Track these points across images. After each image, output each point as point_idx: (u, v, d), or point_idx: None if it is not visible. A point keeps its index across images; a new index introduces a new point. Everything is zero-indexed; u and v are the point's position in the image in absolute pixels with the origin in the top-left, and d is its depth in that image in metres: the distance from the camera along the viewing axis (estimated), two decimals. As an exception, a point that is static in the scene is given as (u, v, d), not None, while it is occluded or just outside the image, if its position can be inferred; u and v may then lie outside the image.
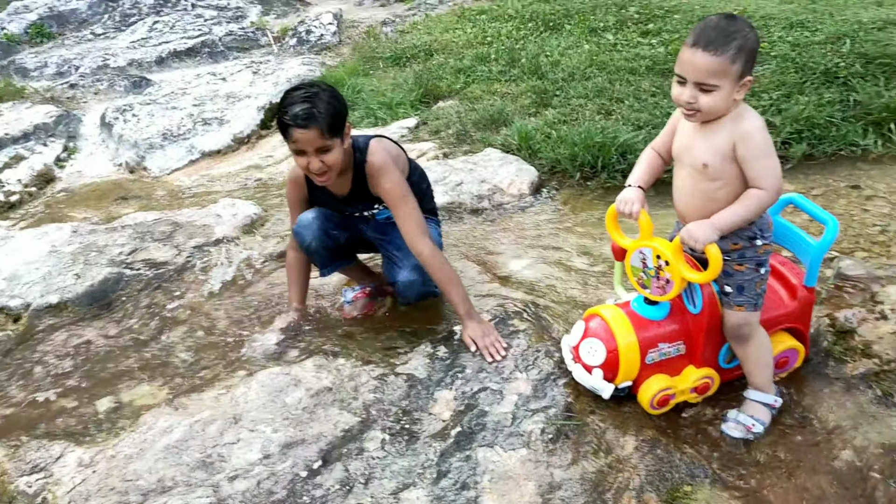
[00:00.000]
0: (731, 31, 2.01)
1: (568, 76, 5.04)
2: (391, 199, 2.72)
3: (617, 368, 2.38)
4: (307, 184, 2.83)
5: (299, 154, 2.58)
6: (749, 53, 2.01)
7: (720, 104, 2.06)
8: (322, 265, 2.98)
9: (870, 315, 2.66)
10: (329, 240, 2.86)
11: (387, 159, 2.72)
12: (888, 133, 3.98)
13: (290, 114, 2.51)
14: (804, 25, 5.15)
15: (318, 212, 2.86)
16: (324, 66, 6.49)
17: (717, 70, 2.00)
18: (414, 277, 2.78)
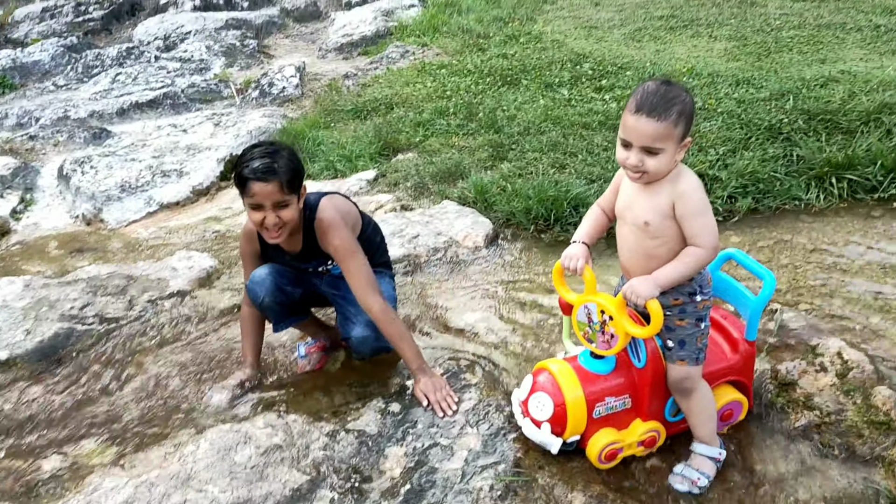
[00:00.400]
0: (671, 98, 2.10)
1: (524, 130, 5.16)
2: (340, 256, 2.75)
3: (565, 423, 2.41)
4: (259, 240, 2.85)
5: (255, 209, 2.61)
6: (688, 117, 2.12)
7: (665, 165, 2.15)
8: (276, 321, 2.98)
9: (810, 367, 2.73)
10: (283, 296, 2.87)
11: (335, 216, 2.76)
12: (829, 187, 4.12)
13: (250, 167, 2.55)
14: (750, 82, 5.35)
15: (271, 267, 2.87)
16: (285, 118, 6.55)
17: (662, 134, 2.09)
18: (367, 333, 2.80)
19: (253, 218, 2.64)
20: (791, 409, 2.66)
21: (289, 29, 10.41)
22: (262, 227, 2.65)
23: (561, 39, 7.25)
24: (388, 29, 8.96)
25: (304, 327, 3.17)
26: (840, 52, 5.96)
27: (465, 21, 8.44)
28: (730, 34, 6.93)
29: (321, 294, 3.01)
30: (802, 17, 7.23)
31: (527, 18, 8.40)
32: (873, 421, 2.52)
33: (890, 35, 6.28)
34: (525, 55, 6.78)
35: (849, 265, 3.58)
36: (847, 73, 5.27)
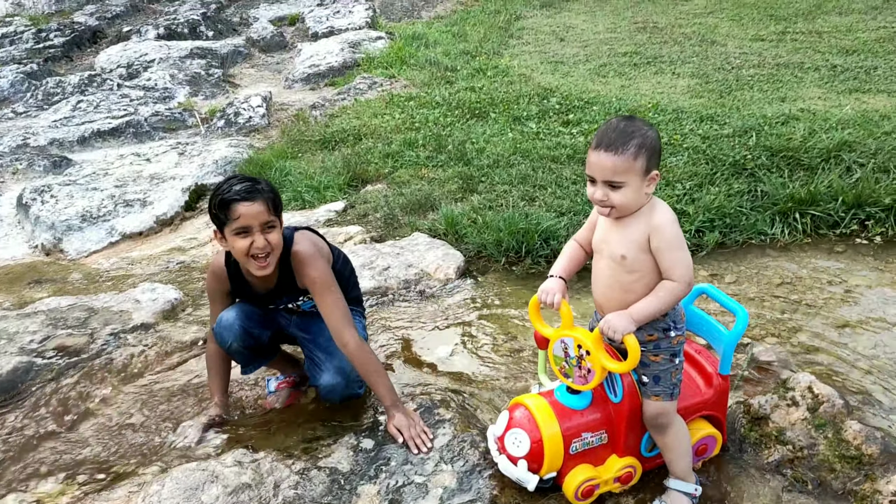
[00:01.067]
0: (629, 132, 2.14)
1: (493, 163, 5.18)
2: (317, 289, 2.69)
3: (542, 459, 2.38)
4: (229, 277, 2.77)
5: (241, 234, 2.51)
6: (650, 150, 2.13)
7: (631, 198, 2.16)
8: (244, 364, 2.92)
9: (782, 401, 2.74)
10: (251, 340, 2.81)
11: (312, 249, 2.72)
12: (793, 222, 4.20)
13: (232, 191, 2.49)
14: (713, 119, 5.45)
15: (238, 311, 2.79)
16: (252, 148, 6.50)
17: (621, 168, 2.12)
18: (336, 381, 2.75)
19: (239, 246, 2.53)
20: (764, 443, 2.67)
21: (254, 59, 10.37)
22: (248, 258, 2.55)
23: (528, 74, 7.33)
24: (355, 60, 8.98)
25: (274, 364, 3.10)
26: (799, 91, 6.11)
27: (432, 54, 8.51)
28: (692, 72, 7.08)
29: (289, 335, 2.95)
30: (762, 56, 7.42)
31: (493, 53, 8.49)
32: (845, 455, 2.54)
33: (846, 75, 6.47)
34: (493, 88, 6.84)
35: (814, 299, 3.63)
36: (807, 112, 5.40)
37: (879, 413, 2.83)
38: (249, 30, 11.28)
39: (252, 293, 2.80)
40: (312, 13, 11.54)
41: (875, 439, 2.53)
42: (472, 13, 11.08)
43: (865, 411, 2.81)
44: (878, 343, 3.26)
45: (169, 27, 10.88)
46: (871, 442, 2.52)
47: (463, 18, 10.70)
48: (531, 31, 9.69)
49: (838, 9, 9.19)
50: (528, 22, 10.34)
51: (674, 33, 8.84)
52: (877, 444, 2.51)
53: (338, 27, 10.64)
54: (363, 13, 11.12)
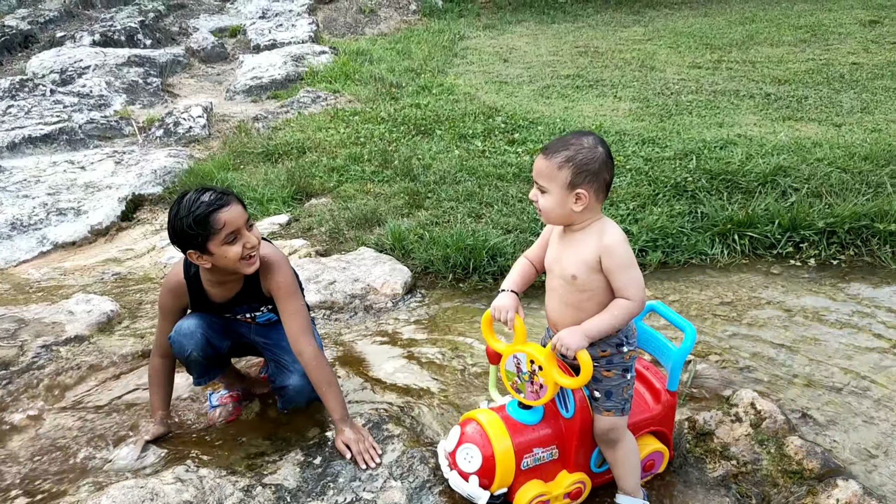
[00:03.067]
0: (567, 143, 2.17)
1: (440, 179, 5.18)
2: (282, 293, 2.64)
3: (493, 475, 2.36)
4: (189, 290, 2.69)
5: (231, 241, 2.44)
6: (578, 166, 2.13)
7: (551, 207, 2.20)
8: (199, 375, 2.82)
9: (726, 417, 2.80)
10: (211, 349, 2.73)
11: (279, 254, 2.68)
12: (732, 243, 4.31)
13: (204, 204, 2.40)
14: (655, 142, 5.58)
15: (199, 319, 2.71)
16: (192, 158, 6.36)
17: (545, 173, 2.17)
18: (304, 382, 2.68)
19: (233, 253, 2.45)
20: (709, 458, 2.71)
21: (195, 69, 10.18)
22: (241, 261, 2.49)
23: (473, 93, 7.39)
24: (298, 74, 8.90)
25: (221, 378, 3.01)
26: (736, 117, 6.31)
27: (376, 70, 8.50)
28: (633, 96, 7.24)
29: (249, 343, 2.87)
30: (699, 83, 7.64)
31: (438, 71, 8.53)
32: (787, 470, 2.59)
33: (779, 103, 6.72)
34: (438, 106, 6.86)
35: (753, 318, 3.73)
36: (743, 137, 5.58)
37: (816, 429, 2.91)
38: (189, 40, 11.07)
39: (210, 304, 2.72)
40: (255, 25, 11.41)
41: (816, 454, 2.60)
42: (416, 31, 11.13)
43: (804, 427, 2.89)
44: (813, 361, 3.36)
45: (105, 34, 10.59)
46: (812, 457, 2.59)
47: (407, 36, 10.74)
48: (475, 52, 9.78)
49: (769, 40, 9.55)
50: (472, 42, 10.44)
51: (614, 58, 9.04)
52: (817, 459, 2.58)
53: (281, 40, 10.54)
54: (306, 27, 11.05)
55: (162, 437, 2.77)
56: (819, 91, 7.10)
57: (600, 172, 2.18)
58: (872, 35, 9.34)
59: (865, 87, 7.17)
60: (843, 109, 6.44)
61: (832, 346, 3.47)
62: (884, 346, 3.45)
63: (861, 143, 5.32)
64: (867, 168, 4.87)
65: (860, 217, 4.31)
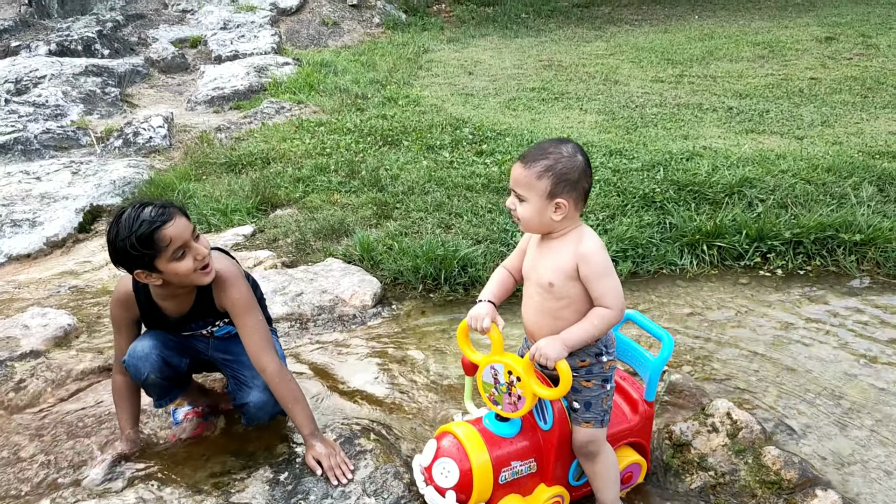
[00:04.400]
0: (546, 151, 2.14)
1: (408, 189, 5.12)
2: (238, 310, 2.53)
3: (471, 490, 2.30)
4: (138, 303, 2.56)
5: (180, 256, 2.33)
6: (558, 176, 2.11)
7: (530, 216, 2.17)
8: (159, 396, 2.70)
9: (703, 428, 2.77)
10: (169, 370, 2.61)
11: (234, 268, 2.57)
12: (701, 254, 4.32)
13: (146, 221, 2.27)
14: (622, 153, 5.59)
15: (154, 339, 2.59)
16: (152, 169, 6.20)
17: (524, 182, 2.14)
18: (267, 398, 2.58)
19: (184, 268, 2.34)
20: (687, 470, 2.68)
21: (154, 79, 10.00)
22: (193, 273, 2.38)
23: (439, 104, 7.36)
24: (261, 85, 8.78)
25: (184, 395, 2.90)
26: (700, 130, 6.37)
27: (341, 81, 8.43)
28: (599, 108, 7.28)
29: (208, 360, 2.77)
30: (662, 96, 7.72)
31: (403, 83, 8.50)
32: (765, 481, 2.57)
33: (742, 116, 6.80)
34: (405, 117, 6.81)
35: (723, 328, 3.73)
36: (709, 149, 5.62)
37: (791, 438, 2.90)
38: (149, 50, 10.88)
39: (163, 319, 2.60)
40: (216, 36, 11.26)
41: (793, 464, 2.58)
42: (380, 44, 11.09)
43: (779, 437, 2.88)
44: (784, 370, 3.37)
45: (62, 44, 10.35)
46: (789, 467, 2.57)
47: (371, 49, 10.69)
48: (440, 64, 9.77)
49: (729, 56, 9.70)
50: (436, 55, 10.43)
51: (578, 72, 9.10)
52: (795, 469, 2.56)
53: (243, 51, 10.41)
54: (269, 39, 10.94)
55: (132, 456, 2.65)
56: (780, 105, 7.21)
57: (580, 181, 2.15)
58: (828, 51, 9.55)
59: (824, 101, 7.30)
60: (804, 123, 6.54)
61: (803, 355, 3.48)
62: (853, 355, 3.47)
63: (823, 156, 5.39)
64: (830, 180, 4.94)
65: (825, 228, 4.35)
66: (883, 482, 2.68)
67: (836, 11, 12.37)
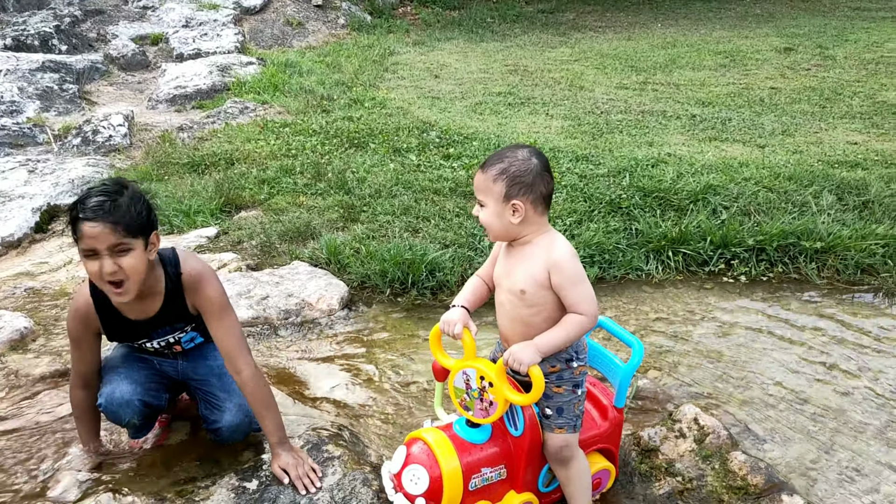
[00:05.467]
0: (501, 156, 2.18)
1: (375, 193, 5.08)
2: (213, 310, 2.45)
3: (440, 497, 2.28)
4: (98, 312, 2.44)
5: (89, 257, 2.19)
6: (513, 178, 2.14)
7: (490, 220, 2.20)
8: (136, 431, 2.66)
9: (670, 433, 2.79)
10: (150, 409, 2.56)
11: (207, 267, 2.50)
12: (667, 260, 4.36)
13: (81, 206, 2.16)
14: (588, 159, 5.62)
15: (131, 381, 2.49)
16: (112, 168, 6.06)
17: (482, 187, 2.19)
18: (240, 419, 2.54)
19: (88, 270, 2.21)
20: (654, 475, 2.69)
21: (114, 76, 9.79)
22: (99, 280, 2.23)
23: (405, 107, 7.32)
24: (225, 84, 8.64)
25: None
26: (664, 137, 6.43)
27: (306, 82, 8.34)
28: (564, 114, 7.31)
29: (180, 384, 2.70)
30: (627, 103, 7.78)
31: (369, 85, 8.44)
32: (732, 486, 2.60)
33: (705, 124, 6.89)
34: (371, 119, 6.76)
35: (688, 334, 3.76)
36: (673, 156, 5.68)
37: (756, 444, 2.93)
38: (108, 46, 10.64)
39: (127, 327, 2.48)
40: (178, 34, 11.07)
41: (760, 469, 2.61)
42: (345, 46, 11.01)
43: (745, 442, 2.91)
44: (748, 376, 3.41)
45: (17, 38, 10.09)
46: (756, 472, 2.60)
47: (336, 50, 10.60)
48: (406, 67, 9.73)
49: (691, 64, 9.83)
50: (402, 58, 10.39)
51: (544, 77, 9.13)
52: (761, 474, 2.59)
53: (205, 50, 10.25)
54: (232, 38, 10.78)
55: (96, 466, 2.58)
56: (741, 113, 7.32)
57: (535, 184, 2.16)
58: (788, 62, 9.73)
59: (784, 110, 7.43)
60: (766, 131, 6.64)
61: (766, 360, 3.53)
62: (815, 361, 3.53)
63: (785, 164, 5.48)
64: (792, 188, 5.02)
65: (787, 235, 4.42)
66: (846, 487, 2.72)
67: (794, 23, 12.61)
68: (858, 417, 3.13)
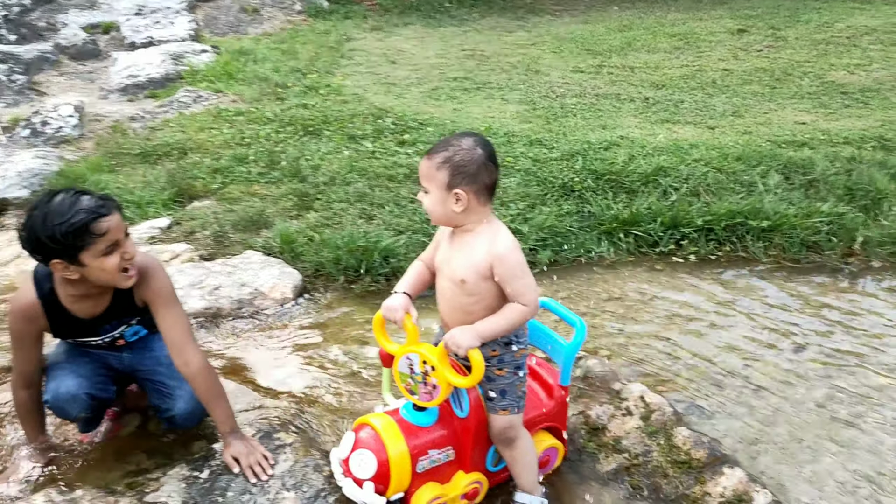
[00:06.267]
0: (447, 144, 2.19)
1: (329, 180, 5.07)
2: (161, 301, 2.46)
3: (388, 480, 2.31)
4: (45, 311, 2.42)
5: (110, 252, 2.24)
6: (455, 166, 2.15)
7: (432, 207, 2.22)
8: (86, 425, 2.65)
9: (617, 412, 2.85)
10: (98, 403, 2.56)
11: (152, 259, 2.51)
12: (618, 241, 4.42)
13: (84, 210, 2.17)
14: (542, 143, 5.66)
15: (76, 376, 2.49)
16: (62, 160, 5.96)
17: (426, 173, 2.20)
18: (193, 406, 2.54)
19: (111, 264, 2.25)
20: (602, 453, 2.75)
21: (64, 66, 9.60)
22: (117, 273, 2.30)
23: (361, 94, 7.29)
24: (178, 73, 8.52)
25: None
26: (617, 120, 6.50)
27: (261, 70, 8.25)
28: (520, 98, 7.34)
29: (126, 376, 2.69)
30: (582, 86, 7.84)
31: (325, 71, 8.38)
32: (676, 461, 2.66)
33: (658, 106, 6.97)
34: (326, 107, 6.72)
35: (638, 314, 3.83)
36: (626, 139, 5.74)
37: (702, 419, 3.01)
38: (58, 36, 10.42)
39: (74, 324, 2.48)
40: (130, 22, 10.86)
41: (703, 444, 2.68)
42: (302, 32, 10.90)
43: (691, 418, 2.98)
44: (696, 353, 3.49)
45: (-37, 28, 9.86)
46: (699, 447, 2.67)
47: (292, 37, 10.50)
48: (362, 53, 9.68)
49: (646, 47, 9.91)
50: (359, 44, 10.32)
51: (500, 62, 9.15)
52: (704, 449, 2.66)
53: (158, 38, 10.07)
54: (186, 25, 10.61)
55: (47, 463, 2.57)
56: (693, 95, 7.42)
57: (479, 174, 2.17)
58: (740, 43, 9.85)
59: (736, 91, 7.54)
60: (717, 112, 6.74)
61: (713, 338, 3.61)
62: (760, 338, 3.62)
63: (734, 145, 5.57)
64: (740, 168, 5.11)
65: (735, 215, 4.51)
66: (788, 459, 2.81)
67: (748, 4, 12.75)
68: (802, 391, 3.23)
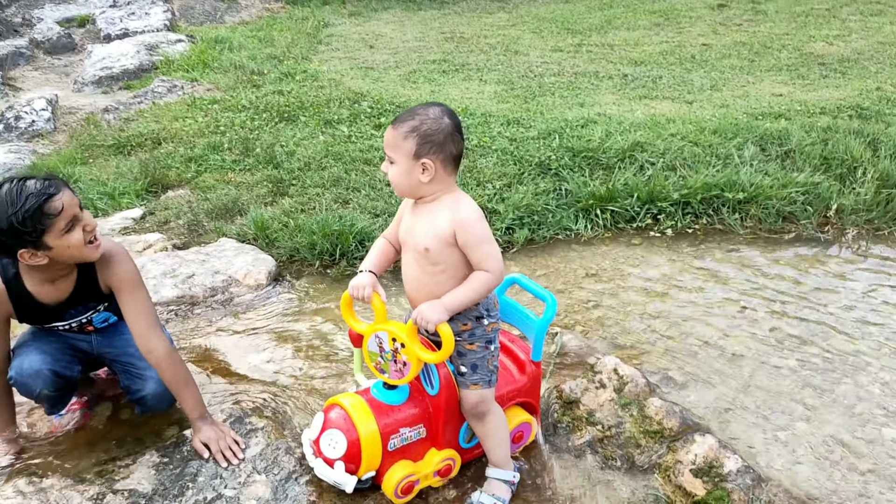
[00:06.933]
0: (413, 113, 2.16)
1: (304, 166, 5.04)
2: (126, 288, 2.45)
3: (359, 459, 2.30)
4: (10, 296, 2.41)
5: (70, 229, 2.23)
6: (423, 137, 2.12)
7: (399, 178, 2.19)
8: (52, 405, 2.63)
9: (591, 385, 2.84)
10: (62, 381, 2.53)
11: (117, 246, 2.49)
12: (595, 218, 4.41)
13: (34, 192, 2.16)
14: (519, 122, 5.64)
15: (41, 352, 2.48)
16: (35, 153, 5.91)
17: (392, 143, 2.16)
18: (164, 388, 2.52)
19: (76, 240, 2.25)
20: (576, 426, 2.75)
21: (39, 61, 9.50)
22: (84, 246, 2.29)
23: (338, 79, 7.25)
24: (153, 63, 8.45)
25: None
26: (595, 97, 6.48)
27: (236, 58, 8.19)
28: (498, 79, 7.31)
29: (96, 358, 2.67)
30: (561, 65, 7.81)
31: (302, 58, 8.33)
32: (648, 431, 2.66)
33: (636, 83, 6.96)
34: (302, 92, 6.68)
35: (615, 289, 3.82)
36: (603, 116, 5.72)
37: (675, 389, 3.01)
38: (33, 31, 10.32)
39: (40, 310, 2.47)
40: (105, 14, 10.76)
41: (674, 413, 2.68)
42: (279, 19, 10.84)
43: (664, 388, 2.98)
44: (672, 326, 3.48)
45: (-65, 24, 9.74)
46: (670, 416, 2.67)
47: (269, 24, 10.43)
48: (340, 38, 9.62)
49: (626, 25, 9.89)
50: (337, 29, 10.27)
51: (479, 43, 9.11)
52: (676, 418, 2.66)
53: (133, 29, 9.98)
54: (161, 15, 10.52)
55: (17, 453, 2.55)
56: (672, 71, 7.41)
57: (446, 143, 2.15)
58: (720, 18, 9.85)
59: (714, 66, 7.54)
60: (695, 87, 6.74)
61: (689, 310, 3.61)
62: (735, 308, 3.62)
63: (710, 119, 5.57)
64: (716, 141, 5.11)
65: (711, 188, 4.50)
66: (759, 426, 2.81)
67: (727, -20, 12.75)
68: (775, 359, 3.23)
